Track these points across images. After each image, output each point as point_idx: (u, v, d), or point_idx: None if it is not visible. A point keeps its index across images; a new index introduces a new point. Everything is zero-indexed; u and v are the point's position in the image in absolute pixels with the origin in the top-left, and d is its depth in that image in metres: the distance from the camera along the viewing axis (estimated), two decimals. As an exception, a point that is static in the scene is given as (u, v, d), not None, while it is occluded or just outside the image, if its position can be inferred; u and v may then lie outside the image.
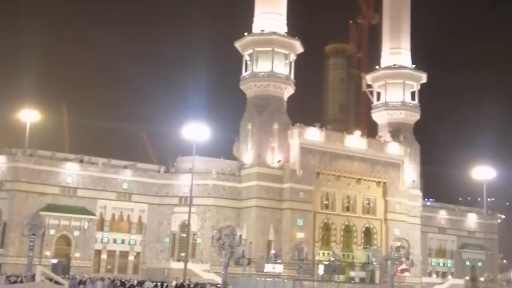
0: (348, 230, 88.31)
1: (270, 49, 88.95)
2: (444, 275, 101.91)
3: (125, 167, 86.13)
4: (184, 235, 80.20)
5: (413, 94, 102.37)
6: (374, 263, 57.25)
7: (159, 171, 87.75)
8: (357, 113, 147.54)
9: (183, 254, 79.02)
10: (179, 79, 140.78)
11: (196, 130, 69.30)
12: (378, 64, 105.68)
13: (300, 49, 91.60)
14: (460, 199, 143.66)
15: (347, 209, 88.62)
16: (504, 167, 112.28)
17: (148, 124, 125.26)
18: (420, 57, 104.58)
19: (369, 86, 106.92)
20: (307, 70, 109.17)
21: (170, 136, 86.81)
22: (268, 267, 64.11)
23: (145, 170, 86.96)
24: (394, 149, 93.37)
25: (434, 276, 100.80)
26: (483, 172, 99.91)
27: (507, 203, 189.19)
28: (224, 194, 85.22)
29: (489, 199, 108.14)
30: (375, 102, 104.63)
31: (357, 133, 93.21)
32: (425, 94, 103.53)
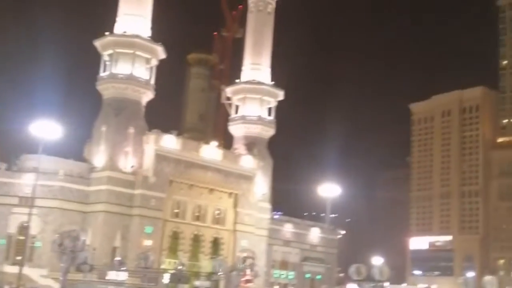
0: (196, 240, 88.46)
1: (131, 51, 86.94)
2: (285, 286, 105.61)
3: (-41, 162, 79.08)
4: (23, 237, 75.41)
5: (270, 110, 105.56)
6: (220, 273, 57.83)
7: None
8: (216, 124, 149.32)
9: (19, 258, 73.99)
10: (29, 74, 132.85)
11: (44, 128, 65.70)
12: (239, 77, 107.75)
13: (162, 54, 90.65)
14: (306, 213, 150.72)
15: (197, 218, 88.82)
16: (347, 186, 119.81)
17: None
18: (278, 75, 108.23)
19: (228, 98, 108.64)
20: (170, 77, 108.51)
21: (16, 132, 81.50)
22: (112, 275, 62.15)
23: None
24: (247, 162, 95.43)
25: (276, 287, 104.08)
26: (328, 189, 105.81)
27: (348, 220, 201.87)
28: (71, 196, 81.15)
29: (332, 215, 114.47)
30: (233, 114, 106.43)
31: (214, 143, 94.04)
32: (281, 111, 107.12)
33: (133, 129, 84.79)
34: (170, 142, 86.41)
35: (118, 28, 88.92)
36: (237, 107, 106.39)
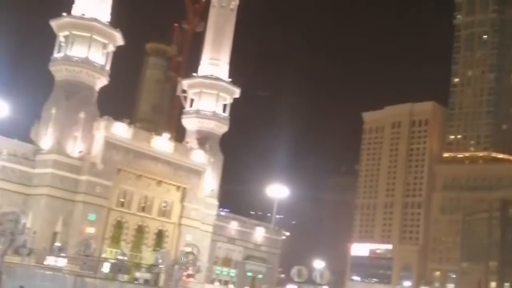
0: (140, 231, 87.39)
1: (88, 35, 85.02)
2: (226, 283, 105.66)
3: None
4: (-41, 216, 72.63)
5: (225, 106, 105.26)
6: (161, 266, 57.38)
7: None
8: (169, 116, 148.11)
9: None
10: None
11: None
12: (196, 71, 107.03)
13: (120, 41, 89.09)
14: (252, 212, 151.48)
15: (143, 209, 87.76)
16: (295, 188, 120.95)
17: None
18: (235, 73, 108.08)
19: (184, 91, 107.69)
20: (126, 64, 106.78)
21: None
22: (50, 260, 60.94)
23: None
24: (198, 156, 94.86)
25: (217, 284, 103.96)
26: (276, 190, 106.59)
27: (293, 222, 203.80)
28: (13, 177, 78.73)
29: (278, 216, 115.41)
30: (187, 108, 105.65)
31: (166, 135, 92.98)
32: (234, 109, 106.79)
33: (84, 114, 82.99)
34: (121, 130, 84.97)
35: (76, 9, 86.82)
36: (192, 100, 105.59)
